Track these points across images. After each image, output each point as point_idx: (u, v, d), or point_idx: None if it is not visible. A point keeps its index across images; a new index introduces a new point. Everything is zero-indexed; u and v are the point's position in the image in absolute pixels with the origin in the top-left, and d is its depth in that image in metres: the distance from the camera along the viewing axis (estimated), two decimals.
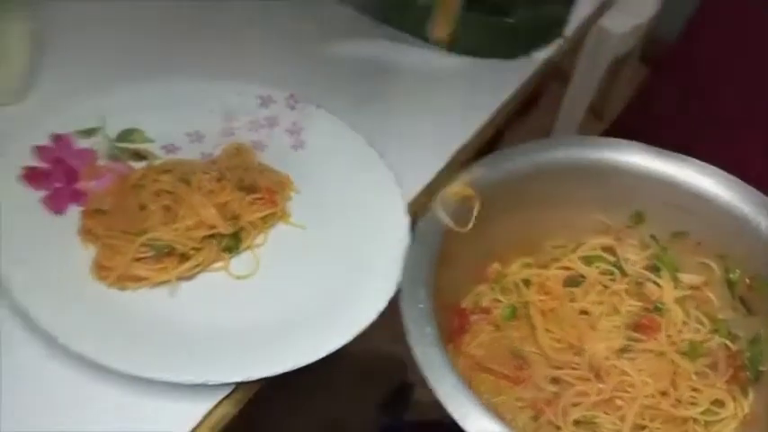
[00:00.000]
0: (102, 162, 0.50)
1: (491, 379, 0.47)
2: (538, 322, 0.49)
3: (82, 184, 0.48)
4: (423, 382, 0.37)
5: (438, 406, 0.38)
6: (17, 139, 0.47)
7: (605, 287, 0.52)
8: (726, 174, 0.51)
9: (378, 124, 0.57)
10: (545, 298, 0.51)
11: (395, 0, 0.66)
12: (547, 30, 0.71)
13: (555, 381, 0.47)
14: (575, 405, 0.46)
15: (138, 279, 0.45)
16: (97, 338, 0.40)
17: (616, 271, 0.53)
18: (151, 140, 0.52)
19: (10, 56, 0.50)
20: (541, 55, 0.69)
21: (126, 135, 0.52)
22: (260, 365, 0.41)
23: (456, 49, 0.67)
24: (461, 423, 0.37)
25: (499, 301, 0.51)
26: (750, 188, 0.50)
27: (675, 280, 0.52)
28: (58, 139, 0.49)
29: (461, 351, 0.48)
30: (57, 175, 0.47)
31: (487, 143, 0.63)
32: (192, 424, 0.39)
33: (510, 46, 0.67)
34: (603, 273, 0.53)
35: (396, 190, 0.52)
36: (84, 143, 0.50)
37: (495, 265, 0.52)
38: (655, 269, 0.53)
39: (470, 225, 0.46)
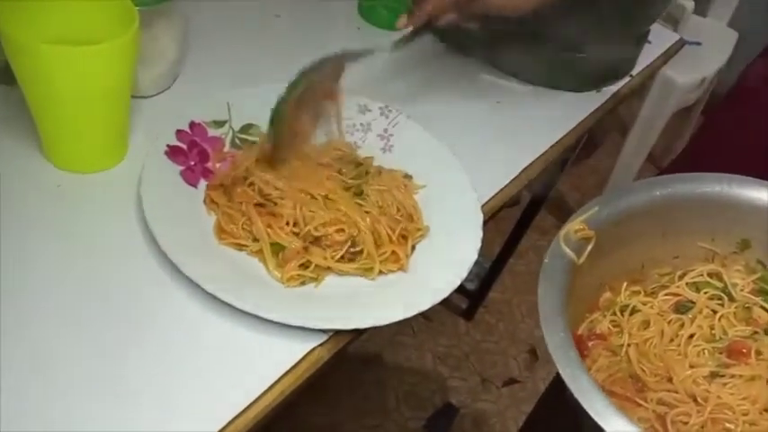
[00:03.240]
0: (226, 149, 0.60)
1: (614, 401, 0.48)
2: (633, 359, 0.51)
3: (210, 165, 0.58)
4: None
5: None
6: (165, 123, 0.57)
7: (714, 312, 0.53)
8: None
9: (458, 137, 0.64)
10: (642, 333, 0.52)
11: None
12: (616, 67, 0.77)
13: (661, 402, 0.49)
14: (684, 424, 0.47)
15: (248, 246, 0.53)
16: (218, 280, 0.48)
17: (724, 296, 0.54)
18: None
19: (165, 55, 0.60)
20: (610, 90, 0.76)
21: (246, 128, 0.61)
22: (352, 319, 0.48)
23: (530, 79, 0.74)
24: None
25: (611, 328, 0.53)
26: None
27: None
28: (195, 126, 0.59)
29: None
30: (192, 154, 0.57)
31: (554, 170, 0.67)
32: (293, 361, 0.47)
33: (580, 80, 0.74)
34: (711, 298, 0.54)
35: (472, 193, 0.59)
36: (214, 132, 0.59)
37: (607, 294, 0.55)
38: (762, 293, 0.54)
39: (582, 259, 0.50)
